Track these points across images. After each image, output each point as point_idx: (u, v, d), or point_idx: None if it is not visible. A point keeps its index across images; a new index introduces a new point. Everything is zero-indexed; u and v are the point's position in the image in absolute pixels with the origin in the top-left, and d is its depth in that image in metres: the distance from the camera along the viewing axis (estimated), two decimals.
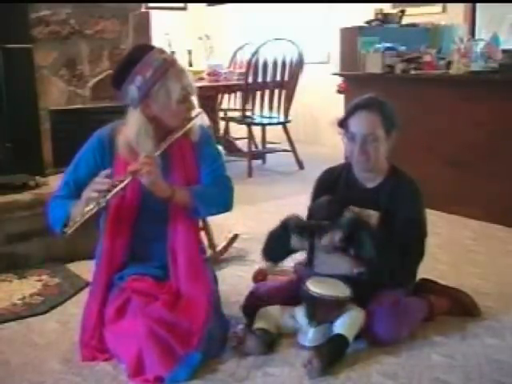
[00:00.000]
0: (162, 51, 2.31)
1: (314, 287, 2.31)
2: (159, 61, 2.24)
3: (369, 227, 2.35)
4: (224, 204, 2.46)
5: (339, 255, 2.38)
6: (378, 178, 2.52)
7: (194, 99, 2.36)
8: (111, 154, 2.35)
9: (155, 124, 2.30)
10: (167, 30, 6.27)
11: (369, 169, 2.50)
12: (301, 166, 5.80)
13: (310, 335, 2.30)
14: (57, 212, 2.32)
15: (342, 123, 2.50)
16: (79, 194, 2.26)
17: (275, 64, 5.63)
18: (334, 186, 2.56)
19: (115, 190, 2.17)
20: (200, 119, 2.41)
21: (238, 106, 5.97)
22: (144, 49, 2.31)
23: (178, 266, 2.35)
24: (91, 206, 2.16)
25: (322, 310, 2.29)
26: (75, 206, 2.24)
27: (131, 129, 2.29)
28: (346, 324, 2.27)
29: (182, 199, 2.32)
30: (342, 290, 2.32)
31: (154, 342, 2.11)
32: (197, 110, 2.37)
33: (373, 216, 2.45)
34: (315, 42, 6.76)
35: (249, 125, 5.79)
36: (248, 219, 3.98)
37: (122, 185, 2.18)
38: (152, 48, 2.31)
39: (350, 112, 2.48)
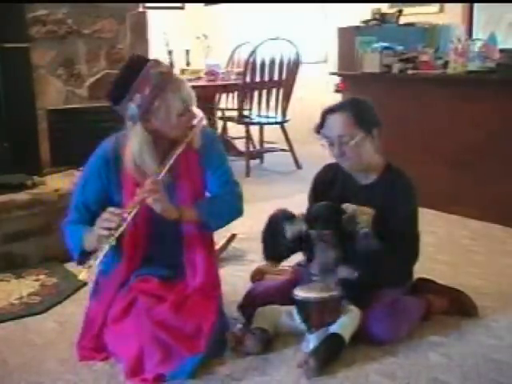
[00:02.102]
0: (158, 63, 2.24)
1: (302, 292, 2.31)
2: (157, 76, 2.18)
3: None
4: (233, 214, 2.45)
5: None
6: (373, 175, 2.52)
7: (194, 107, 2.31)
8: (117, 170, 2.32)
9: (157, 136, 2.26)
10: (165, 30, 6.25)
11: (353, 168, 2.50)
12: (299, 165, 5.79)
13: (311, 343, 2.27)
14: (72, 240, 2.32)
15: (319, 130, 2.51)
16: (90, 214, 2.28)
17: (273, 63, 5.62)
18: (333, 183, 2.56)
19: (124, 224, 2.15)
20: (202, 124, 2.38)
21: (236, 106, 5.96)
22: (139, 62, 2.24)
23: (195, 267, 2.35)
24: (103, 244, 2.14)
25: (316, 314, 2.28)
26: (87, 237, 2.24)
27: (133, 145, 2.24)
28: (342, 323, 2.27)
29: (190, 218, 2.31)
30: (329, 291, 2.30)
31: (157, 347, 2.12)
32: (198, 116, 2.32)
33: (369, 213, 2.45)
34: (313, 41, 6.76)
35: (247, 124, 5.79)
36: (246, 219, 3.94)
37: (129, 217, 2.16)
38: (147, 61, 2.24)
39: (322, 118, 2.50)
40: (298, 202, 2.57)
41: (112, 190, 2.33)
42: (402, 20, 5.57)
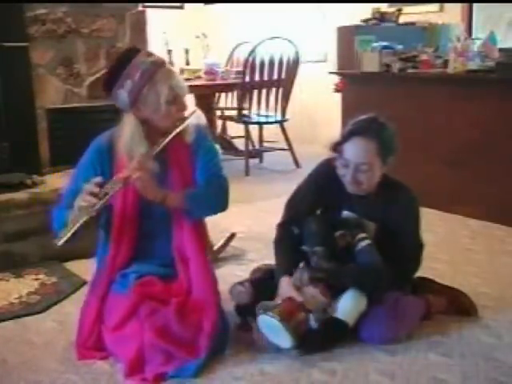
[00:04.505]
0: (148, 53, 2.32)
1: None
2: (146, 63, 2.23)
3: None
4: (218, 205, 2.44)
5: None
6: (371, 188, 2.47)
7: (186, 100, 2.34)
8: (111, 162, 2.34)
9: (148, 127, 2.30)
10: (164, 29, 6.25)
11: (361, 193, 2.44)
12: (298, 164, 5.79)
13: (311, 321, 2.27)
14: (56, 222, 2.31)
15: (336, 147, 2.40)
16: None
17: (272, 63, 5.63)
18: (331, 182, 2.50)
19: (106, 198, 2.15)
20: (196, 119, 2.40)
21: (236, 105, 5.96)
22: (132, 52, 2.31)
23: (186, 264, 2.34)
24: (82, 215, 2.14)
25: None
26: (70, 214, 2.23)
27: (125, 133, 2.29)
28: (345, 308, 2.27)
29: (174, 203, 2.31)
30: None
31: (158, 352, 2.12)
32: (190, 109, 2.36)
33: (370, 226, 2.44)
34: (313, 40, 6.75)
35: (246, 123, 5.78)
36: (245, 218, 3.98)
37: (112, 192, 2.16)
38: (139, 51, 2.31)
39: (346, 137, 2.37)
40: None
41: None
42: (402, 19, 5.57)
